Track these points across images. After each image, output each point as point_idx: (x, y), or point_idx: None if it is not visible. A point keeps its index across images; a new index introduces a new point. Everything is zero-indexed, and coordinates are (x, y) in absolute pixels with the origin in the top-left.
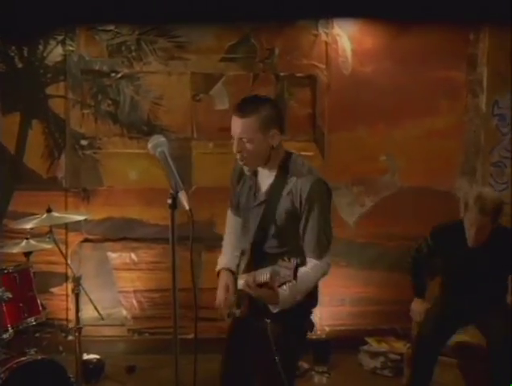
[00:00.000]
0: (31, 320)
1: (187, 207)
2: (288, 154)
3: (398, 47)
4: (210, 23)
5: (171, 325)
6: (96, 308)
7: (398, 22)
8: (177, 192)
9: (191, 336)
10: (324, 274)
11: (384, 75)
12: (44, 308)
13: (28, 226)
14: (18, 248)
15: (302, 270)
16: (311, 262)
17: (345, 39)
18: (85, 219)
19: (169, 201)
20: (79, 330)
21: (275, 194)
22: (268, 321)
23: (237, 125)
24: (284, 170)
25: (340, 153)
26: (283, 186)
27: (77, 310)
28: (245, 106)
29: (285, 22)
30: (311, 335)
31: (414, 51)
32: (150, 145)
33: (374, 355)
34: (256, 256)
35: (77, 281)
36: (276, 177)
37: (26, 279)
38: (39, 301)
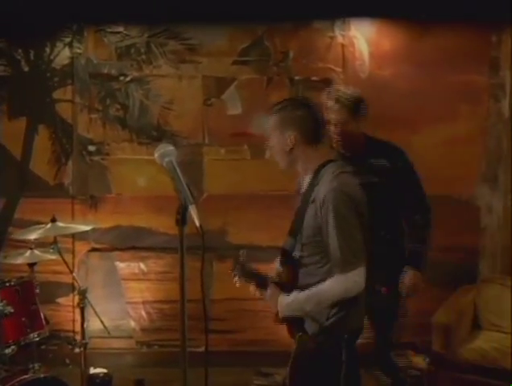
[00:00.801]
0: (34, 335)
1: (197, 224)
2: (327, 162)
3: (418, 49)
4: (222, 25)
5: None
6: (102, 322)
7: (417, 23)
8: (187, 206)
9: (201, 349)
10: (347, 292)
11: (402, 78)
12: (48, 322)
13: (32, 237)
14: (21, 258)
15: (325, 283)
16: (334, 276)
17: (362, 41)
18: (93, 228)
19: (178, 216)
20: (84, 345)
21: (304, 202)
22: (299, 334)
23: None
24: (315, 178)
25: None
26: (310, 194)
27: (83, 325)
28: (276, 104)
29: (300, 24)
30: None
31: (434, 54)
32: (156, 155)
33: None
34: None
35: (83, 294)
36: (308, 184)
37: (29, 292)
38: (42, 315)
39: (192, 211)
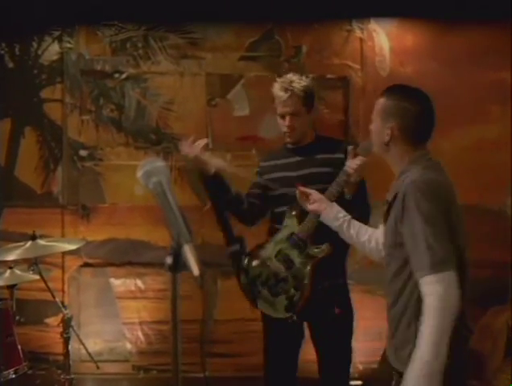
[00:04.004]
0: (10, 372)
1: (195, 272)
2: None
3: (443, 44)
4: (229, 20)
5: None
6: (90, 355)
7: (442, 17)
8: (181, 246)
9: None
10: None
11: (427, 77)
12: (26, 358)
13: (8, 258)
14: None
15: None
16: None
17: (383, 35)
18: (85, 241)
19: (168, 260)
20: (69, 381)
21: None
22: None
23: None
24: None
25: (377, 166)
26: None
27: (68, 357)
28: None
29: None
30: None
31: (462, 50)
32: (140, 173)
33: None
34: None
35: (68, 322)
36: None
37: (5, 321)
38: (19, 348)
39: (189, 253)
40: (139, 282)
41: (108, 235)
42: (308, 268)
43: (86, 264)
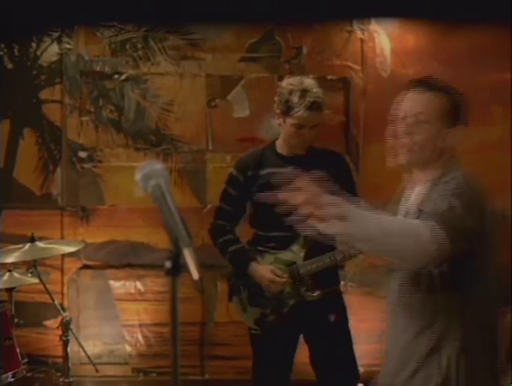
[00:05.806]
0: (8, 376)
1: (195, 276)
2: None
3: (445, 46)
4: (229, 21)
5: (181, 364)
6: (89, 357)
7: (445, 18)
8: (180, 250)
9: (205, 377)
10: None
11: None
12: (25, 359)
13: (8, 260)
14: None
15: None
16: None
17: (384, 36)
18: (84, 242)
19: (168, 264)
20: (69, 384)
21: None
22: None
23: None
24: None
25: (378, 168)
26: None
27: (67, 360)
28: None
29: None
30: None
31: (463, 51)
32: (139, 176)
33: None
34: None
35: (67, 325)
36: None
37: (3, 325)
38: (18, 351)
39: (188, 258)
40: (139, 284)
41: (107, 237)
42: (292, 302)
43: (85, 267)
